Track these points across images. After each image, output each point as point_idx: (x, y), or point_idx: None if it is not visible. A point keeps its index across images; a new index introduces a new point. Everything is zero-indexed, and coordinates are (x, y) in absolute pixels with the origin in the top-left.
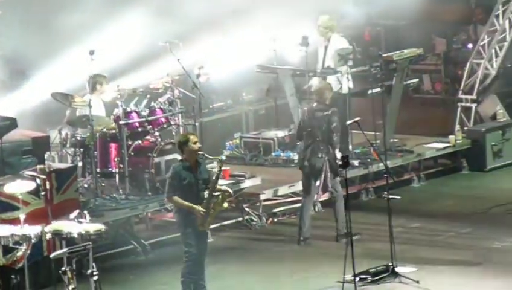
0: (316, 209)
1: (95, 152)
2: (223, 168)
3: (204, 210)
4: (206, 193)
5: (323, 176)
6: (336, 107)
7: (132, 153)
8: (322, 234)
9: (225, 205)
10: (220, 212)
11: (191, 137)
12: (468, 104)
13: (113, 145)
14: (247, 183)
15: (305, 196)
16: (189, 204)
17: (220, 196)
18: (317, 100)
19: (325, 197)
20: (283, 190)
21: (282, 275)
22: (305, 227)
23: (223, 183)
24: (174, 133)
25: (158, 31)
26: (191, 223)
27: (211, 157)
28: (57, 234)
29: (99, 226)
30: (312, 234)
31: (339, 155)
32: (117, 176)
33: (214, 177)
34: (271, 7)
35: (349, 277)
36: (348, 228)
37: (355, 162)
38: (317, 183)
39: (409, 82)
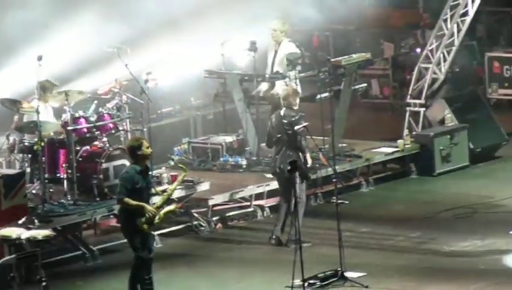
0: (265, 214)
1: (43, 158)
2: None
3: (155, 211)
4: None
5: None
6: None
7: (80, 159)
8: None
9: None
10: (169, 218)
11: (144, 142)
12: (416, 109)
13: (61, 151)
14: (195, 189)
15: (282, 201)
16: (141, 203)
17: (173, 206)
18: (285, 106)
19: (273, 202)
20: (232, 195)
21: (230, 281)
22: (278, 226)
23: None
24: (122, 138)
25: (106, 36)
26: (136, 226)
27: (180, 165)
28: (5, 240)
29: (47, 232)
30: (265, 239)
31: (310, 160)
32: (65, 181)
33: (174, 184)
34: (219, 12)
35: (298, 282)
36: (297, 234)
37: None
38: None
39: (357, 87)
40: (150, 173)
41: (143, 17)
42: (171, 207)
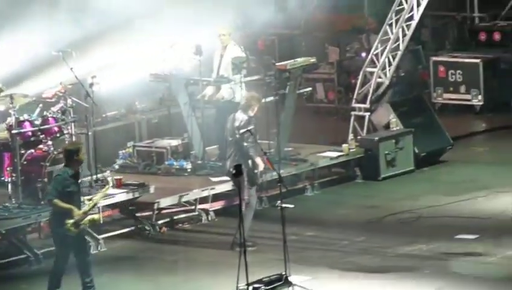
0: (209, 218)
1: None
2: (108, 186)
3: (82, 215)
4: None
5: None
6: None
7: (25, 162)
8: (216, 243)
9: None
10: (114, 221)
11: (81, 147)
12: (361, 113)
13: (5, 155)
14: (140, 192)
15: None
16: (69, 206)
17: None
18: (241, 108)
19: (218, 205)
20: (176, 199)
21: (175, 284)
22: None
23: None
24: (66, 142)
25: (52, 39)
26: (66, 232)
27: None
28: None
29: None
30: (210, 242)
31: (261, 166)
32: (9, 185)
33: (98, 195)
34: (165, 16)
35: (242, 286)
36: (243, 237)
37: None
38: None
39: (302, 91)
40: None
41: (90, 21)
42: (95, 216)
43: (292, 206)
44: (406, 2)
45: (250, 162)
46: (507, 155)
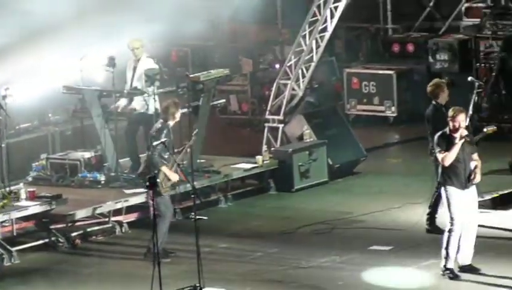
0: (123, 230)
1: None
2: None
3: None
4: None
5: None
6: (144, 128)
7: None
8: (130, 254)
9: None
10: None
11: None
12: (275, 125)
13: None
14: (53, 205)
15: None
16: None
17: None
18: (162, 117)
19: (132, 217)
20: (90, 211)
21: None
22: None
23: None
24: None
25: None
26: None
27: None
28: None
29: None
30: (123, 254)
31: (173, 177)
32: None
33: None
34: (78, 28)
35: None
36: (156, 249)
37: None
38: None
39: (215, 102)
40: None
41: (2, 31)
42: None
43: (206, 218)
44: (320, 14)
45: (163, 170)
46: (420, 166)
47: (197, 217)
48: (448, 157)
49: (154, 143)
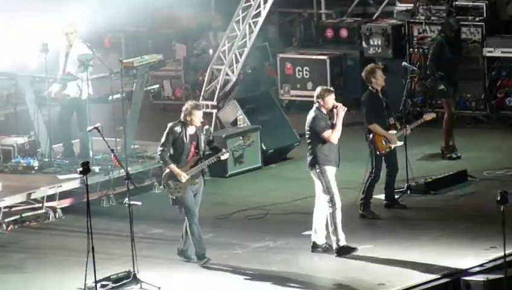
0: (57, 216)
1: None
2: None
3: None
4: None
5: None
6: (77, 113)
7: None
8: (64, 240)
9: None
10: None
11: None
12: (208, 110)
13: None
14: None
15: None
16: None
17: None
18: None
19: (65, 203)
20: (23, 197)
21: (23, 283)
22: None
23: None
24: None
25: None
26: None
27: None
28: None
29: None
30: (58, 240)
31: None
32: None
33: None
34: (9, 12)
35: (90, 283)
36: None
37: (96, 169)
38: None
39: (149, 88)
40: None
41: None
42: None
43: (140, 203)
44: None
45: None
46: (354, 152)
47: (131, 202)
48: (336, 134)
49: (88, 129)
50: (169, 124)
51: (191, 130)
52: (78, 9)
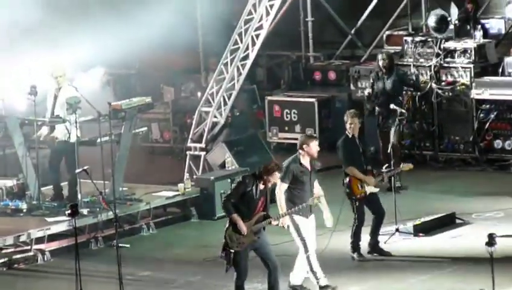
0: (45, 258)
1: None
2: None
3: None
4: None
5: None
6: (66, 156)
7: None
8: (52, 283)
9: None
10: None
11: None
12: (197, 153)
13: None
14: None
15: None
16: None
17: None
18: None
19: (54, 246)
20: (12, 239)
21: None
22: None
23: None
24: None
25: None
26: None
27: None
28: None
29: None
30: (45, 282)
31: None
32: None
33: None
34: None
35: None
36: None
37: (84, 211)
38: None
39: (137, 131)
40: None
41: None
42: None
43: (128, 245)
44: (241, 41)
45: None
46: (342, 194)
47: (120, 244)
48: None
49: (76, 171)
50: (242, 176)
51: (261, 185)
52: (67, 51)
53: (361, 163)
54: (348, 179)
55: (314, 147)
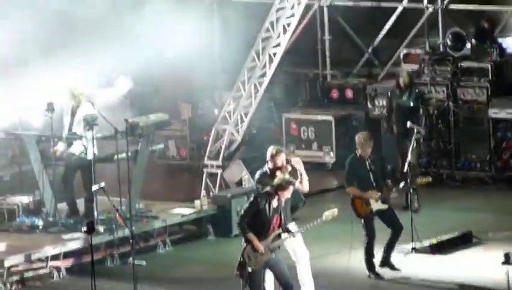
0: (61, 275)
1: None
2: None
3: None
4: None
5: None
6: (82, 172)
7: None
8: None
9: None
10: None
11: None
12: (213, 170)
13: None
14: None
15: None
16: None
17: None
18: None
19: (69, 263)
20: (27, 257)
21: None
22: None
23: None
24: None
25: None
26: None
27: None
28: None
29: None
30: None
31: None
32: None
33: None
34: (16, 73)
35: None
36: None
37: (101, 228)
38: None
39: (154, 148)
40: None
41: None
42: None
43: (144, 263)
44: (259, 59)
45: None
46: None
47: (136, 262)
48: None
49: (93, 188)
50: (254, 195)
51: (274, 203)
52: (83, 68)
53: (369, 182)
54: (351, 199)
55: (277, 160)
